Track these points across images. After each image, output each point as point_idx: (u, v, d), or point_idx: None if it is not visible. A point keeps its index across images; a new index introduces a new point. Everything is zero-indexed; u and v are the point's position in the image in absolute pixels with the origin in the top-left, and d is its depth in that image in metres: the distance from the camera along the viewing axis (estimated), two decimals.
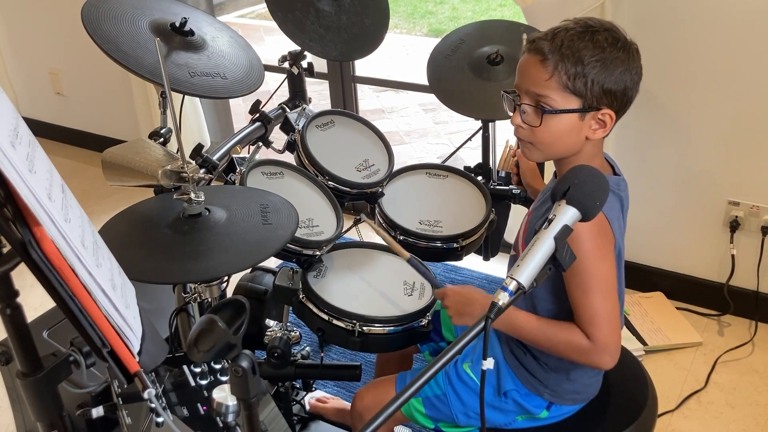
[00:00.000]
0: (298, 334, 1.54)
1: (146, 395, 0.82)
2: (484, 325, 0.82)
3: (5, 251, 0.77)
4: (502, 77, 1.80)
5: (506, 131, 1.90)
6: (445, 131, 4.21)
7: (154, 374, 0.86)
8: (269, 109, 1.87)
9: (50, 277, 0.72)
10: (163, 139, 1.67)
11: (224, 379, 1.26)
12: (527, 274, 0.87)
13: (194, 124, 3.20)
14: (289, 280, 1.47)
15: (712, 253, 2.34)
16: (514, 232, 1.43)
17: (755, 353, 2.20)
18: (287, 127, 1.88)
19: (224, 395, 1.00)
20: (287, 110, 1.91)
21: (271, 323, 1.56)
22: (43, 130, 3.88)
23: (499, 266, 2.42)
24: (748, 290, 2.31)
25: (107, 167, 1.47)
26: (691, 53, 2.11)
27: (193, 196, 1.28)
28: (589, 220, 0.92)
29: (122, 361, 0.81)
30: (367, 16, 1.91)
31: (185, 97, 1.89)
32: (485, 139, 1.91)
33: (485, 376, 0.87)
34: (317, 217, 1.56)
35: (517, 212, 2.06)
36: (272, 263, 2.29)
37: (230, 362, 0.84)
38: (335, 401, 1.99)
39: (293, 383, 1.78)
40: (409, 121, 4.38)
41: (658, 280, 2.45)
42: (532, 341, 1.26)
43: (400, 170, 1.80)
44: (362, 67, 3.07)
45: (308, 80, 1.98)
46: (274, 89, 2.02)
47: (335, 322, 1.39)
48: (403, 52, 5.75)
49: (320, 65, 2.31)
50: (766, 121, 2.08)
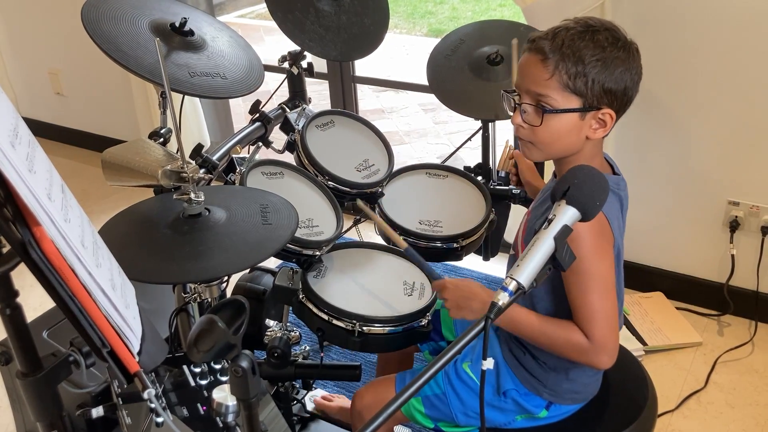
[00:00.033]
0: (297, 334, 1.54)
1: (146, 395, 0.82)
2: (483, 325, 0.82)
3: (5, 251, 0.77)
4: (501, 77, 1.80)
5: (506, 131, 1.90)
6: (444, 131, 4.21)
7: (153, 374, 0.86)
8: (269, 109, 1.87)
9: (50, 277, 0.72)
10: (162, 139, 1.67)
11: (224, 379, 1.26)
12: (527, 274, 0.87)
13: (194, 124, 3.20)
14: (288, 280, 1.47)
15: (711, 253, 2.34)
16: (513, 231, 1.43)
17: (755, 353, 2.20)
18: (287, 127, 1.88)
19: (224, 395, 1.00)
20: (287, 110, 1.91)
21: (270, 323, 1.56)
22: (42, 130, 3.87)
23: (499, 266, 2.42)
24: (747, 290, 2.31)
25: (107, 167, 1.47)
26: (691, 53, 2.11)
27: (192, 196, 1.28)
28: (588, 220, 0.92)
29: (122, 361, 0.81)
30: (366, 16, 1.91)
31: (185, 97, 1.89)
32: (485, 139, 1.91)
33: (485, 376, 0.87)
34: (317, 217, 1.56)
35: (517, 212, 2.06)
36: (272, 263, 2.29)
37: (230, 362, 0.84)
38: (340, 399, 1.99)
39: (293, 383, 1.78)
40: (408, 121, 4.38)
41: (657, 280, 2.45)
42: (530, 338, 1.26)
43: (400, 170, 1.79)
44: (362, 67, 3.07)
45: (308, 80, 1.98)
46: (274, 89, 2.02)
47: (335, 322, 1.39)
48: (402, 52, 5.75)
49: (320, 65, 2.31)
50: (766, 121, 2.08)
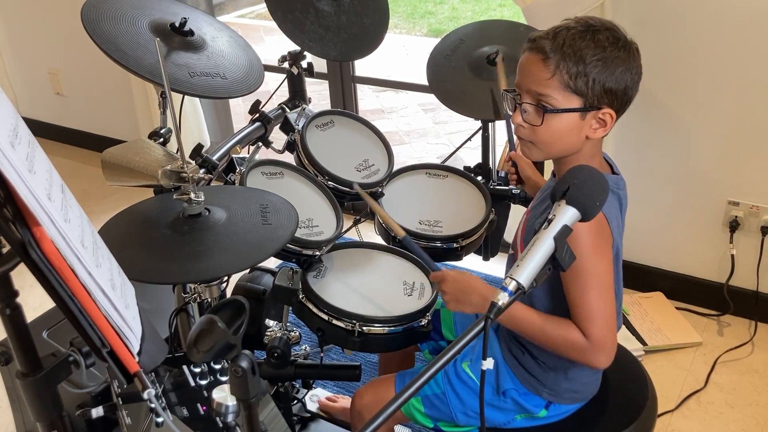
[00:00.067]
0: (297, 334, 1.54)
1: (146, 395, 0.82)
2: (483, 325, 0.82)
3: (5, 251, 0.77)
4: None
5: (506, 131, 1.90)
6: (444, 131, 4.21)
7: (153, 374, 0.86)
8: (269, 109, 1.87)
9: (50, 277, 0.72)
10: (162, 139, 1.67)
11: (224, 379, 1.26)
12: (527, 274, 0.87)
13: (194, 124, 3.20)
14: (288, 280, 1.46)
15: (711, 253, 2.34)
16: (513, 231, 1.43)
17: (755, 353, 2.21)
18: (287, 127, 1.88)
19: (224, 395, 1.00)
20: (287, 110, 1.91)
21: (270, 323, 1.56)
22: (42, 130, 3.88)
23: (499, 266, 2.41)
24: (747, 290, 2.31)
25: (107, 167, 1.47)
26: (690, 53, 2.11)
27: (192, 196, 1.28)
28: (588, 220, 0.92)
29: (122, 361, 0.81)
30: (366, 16, 1.91)
31: (185, 97, 1.89)
32: (485, 139, 1.91)
33: (485, 376, 0.87)
34: (317, 217, 1.56)
35: (517, 212, 2.06)
36: (272, 263, 2.29)
37: (230, 362, 0.84)
38: (344, 401, 1.99)
39: (293, 383, 1.78)
40: (408, 121, 4.38)
41: (657, 280, 2.45)
42: (529, 335, 1.25)
43: (399, 170, 1.79)
44: (362, 67, 3.07)
45: (308, 80, 1.98)
46: (273, 89, 2.02)
47: (335, 322, 1.39)
48: (402, 52, 5.75)
49: (320, 65, 2.31)
50: (766, 121, 2.08)
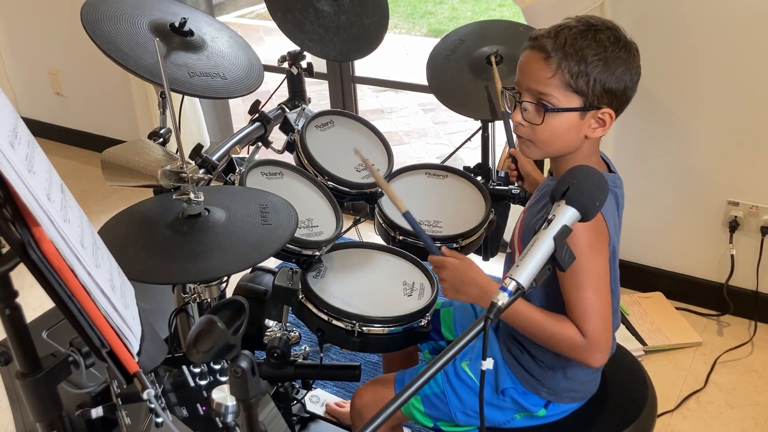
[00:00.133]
0: (297, 334, 1.54)
1: (145, 396, 0.82)
2: (483, 325, 0.82)
3: (4, 251, 0.77)
4: (501, 77, 1.80)
5: (504, 129, 1.89)
6: (444, 131, 4.21)
7: (153, 375, 0.86)
8: (269, 109, 1.87)
9: (49, 277, 0.71)
10: (162, 139, 1.67)
11: (223, 379, 1.26)
12: (527, 274, 0.87)
13: (194, 124, 3.20)
14: (288, 280, 1.46)
15: (711, 253, 2.34)
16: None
17: (754, 353, 2.21)
18: (287, 127, 1.88)
19: (223, 396, 1.00)
20: (287, 110, 1.91)
21: (270, 323, 1.56)
22: (42, 130, 3.88)
23: (498, 266, 2.41)
24: (747, 290, 2.31)
25: (106, 167, 1.47)
26: (690, 53, 2.11)
27: (192, 196, 1.28)
28: (588, 220, 0.92)
29: (121, 361, 0.81)
30: (366, 16, 1.91)
31: (184, 97, 1.89)
32: (485, 139, 1.91)
33: (485, 376, 0.87)
34: (317, 217, 1.56)
35: (516, 212, 2.06)
36: (272, 263, 2.29)
37: (229, 363, 0.84)
38: None
39: (293, 383, 1.78)
40: (408, 121, 4.38)
41: (657, 280, 2.45)
42: (527, 331, 1.25)
43: (399, 170, 1.79)
44: (362, 67, 3.07)
45: (308, 80, 1.98)
46: (273, 89, 2.02)
47: (335, 322, 1.39)
48: (402, 52, 5.76)
49: (320, 65, 2.31)
50: (765, 121, 2.08)
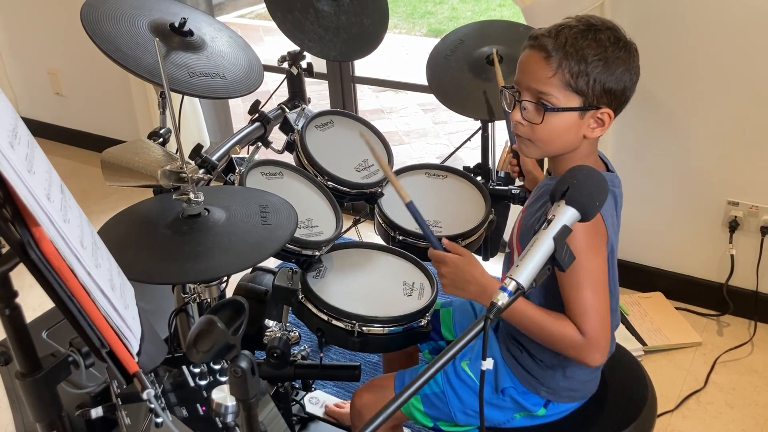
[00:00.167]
0: (297, 334, 1.54)
1: (145, 396, 0.82)
2: (483, 325, 0.82)
3: (4, 252, 0.77)
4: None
5: (505, 131, 1.90)
6: (444, 131, 4.21)
7: (153, 375, 0.86)
8: (268, 109, 1.87)
9: (49, 277, 0.71)
10: (162, 139, 1.67)
11: (223, 379, 1.26)
12: (526, 274, 0.87)
13: (193, 124, 3.20)
14: (288, 280, 1.46)
15: (711, 253, 2.34)
16: None
17: (754, 353, 2.21)
18: (286, 127, 1.88)
19: (223, 396, 1.00)
20: (286, 110, 1.91)
21: (270, 323, 1.56)
22: (42, 130, 3.87)
23: (498, 266, 2.41)
24: (747, 290, 2.31)
25: (106, 167, 1.47)
26: (690, 53, 2.11)
27: (192, 196, 1.28)
28: (588, 220, 0.92)
29: (121, 361, 0.81)
30: (366, 16, 1.91)
31: (184, 97, 1.89)
32: (484, 139, 1.91)
33: (485, 376, 0.87)
34: (316, 217, 1.56)
35: (516, 212, 2.06)
36: (272, 263, 2.29)
37: (229, 363, 0.84)
38: None
39: (293, 383, 1.78)
40: (408, 121, 4.38)
41: (657, 280, 2.45)
42: (525, 328, 1.25)
43: (399, 170, 1.79)
44: (361, 67, 3.07)
45: (307, 80, 1.98)
46: (273, 89, 2.02)
47: (334, 322, 1.39)
48: (402, 52, 5.76)
49: (319, 65, 2.31)
50: (765, 121, 2.08)
